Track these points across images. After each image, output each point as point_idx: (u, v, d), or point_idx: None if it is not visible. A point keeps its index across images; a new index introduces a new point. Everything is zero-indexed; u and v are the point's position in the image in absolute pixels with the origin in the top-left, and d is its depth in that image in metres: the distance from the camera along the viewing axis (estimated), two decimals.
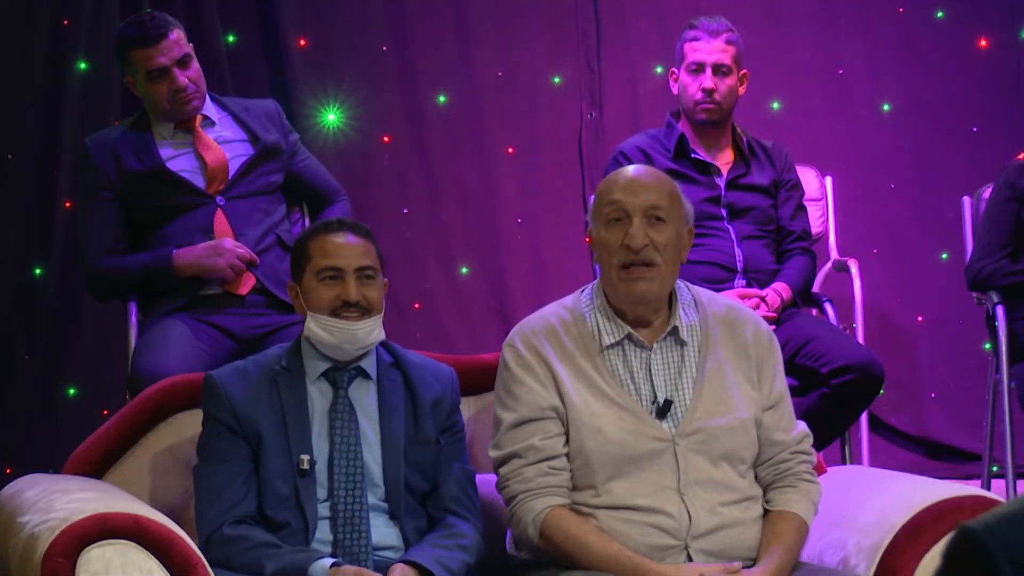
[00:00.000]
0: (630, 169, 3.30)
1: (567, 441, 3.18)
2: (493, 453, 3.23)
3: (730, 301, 3.40)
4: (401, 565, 3.16)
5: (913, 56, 6.09)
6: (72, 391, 5.60)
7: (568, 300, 3.31)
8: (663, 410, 3.17)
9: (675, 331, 3.23)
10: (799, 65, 6.07)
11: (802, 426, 3.30)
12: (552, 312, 3.29)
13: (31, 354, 5.56)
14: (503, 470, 3.20)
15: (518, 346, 3.24)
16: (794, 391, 3.38)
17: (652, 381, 3.20)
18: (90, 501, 3.07)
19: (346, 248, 3.33)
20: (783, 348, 4.50)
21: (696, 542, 3.12)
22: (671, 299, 3.26)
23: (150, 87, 4.41)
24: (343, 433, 3.29)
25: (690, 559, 3.10)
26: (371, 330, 3.31)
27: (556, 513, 3.13)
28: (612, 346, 3.21)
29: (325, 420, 3.30)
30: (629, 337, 3.22)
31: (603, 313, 3.24)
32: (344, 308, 3.29)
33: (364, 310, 3.30)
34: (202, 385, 3.35)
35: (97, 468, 3.44)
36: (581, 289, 3.33)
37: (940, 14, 6.08)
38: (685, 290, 3.31)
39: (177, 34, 4.42)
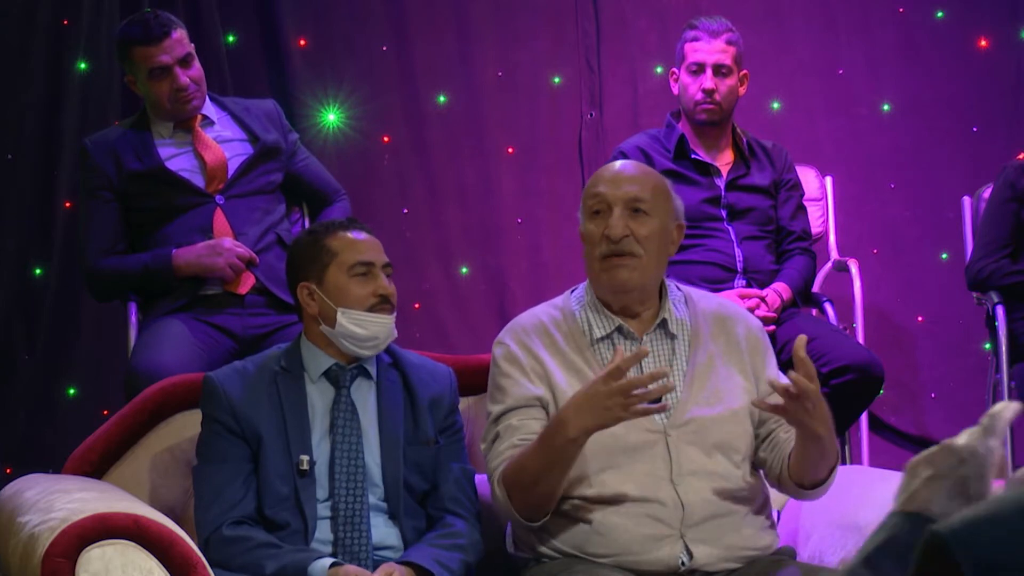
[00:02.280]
0: (617, 164, 3.35)
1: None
2: (481, 445, 3.26)
3: (720, 299, 3.43)
4: (392, 564, 3.16)
5: (913, 56, 6.09)
6: (72, 391, 5.60)
7: (558, 300, 3.35)
8: (655, 402, 3.18)
9: (664, 323, 3.25)
10: (799, 65, 6.07)
11: None
12: (542, 311, 3.32)
13: (31, 354, 5.56)
14: (487, 458, 3.22)
15: (507, 342, 3.27)
16: None
17: (643, 373, 3.20)
18: (90, 501, 3.07)
19: (372, 245, 3.39)
20: (783, 348, 4.54)
21: (690, 531, 3.13)
22: (661, 293, 3.28)
23: (151, 86, 4.41)
24: (345, 432, 3.29)
25: (687, 548, 3.11)
26: (393, 325, 3.36)
27: (508, 462, 3.13)
28: (602, 339, 3.23)
29: (326, 419, 3.31)
30: (619, 330, 3.24)
31: (592, 308, 3.26)
32: (380, 303, 3.32)
33: (393, 305, 3.36)
34: (201, 386, 3.35)
35: (97, 468, 3.44)
36: (571, 288, 3.36)
37: (940, 14, 6.08)
38: (675, 288, 3.34)
39: (180, 33, 4.43)
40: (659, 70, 5.98)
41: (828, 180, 5.32)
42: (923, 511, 1.67)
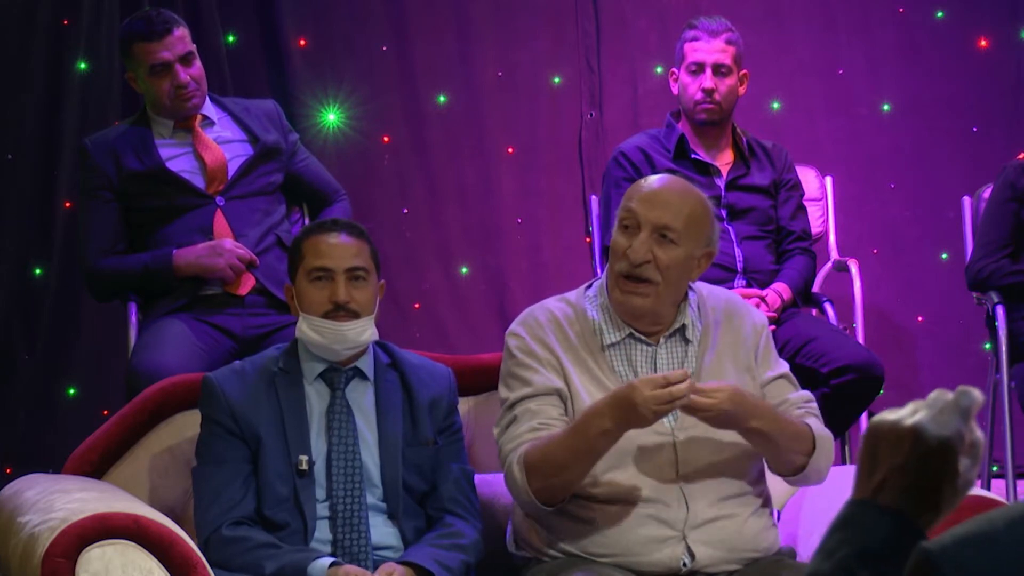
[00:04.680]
0: (658, 180, 3.26)
1: (565, 415, 3.17)
2: (495, 430, 3.23)
3: (728, 294, 3.41)
4: (392, 563, 3.16)
5: (913, 56, 6.09)
6: (72, 391, 5.60)
7: (571, 295, 3.31)
8: None
9: (683, 329, 3.24)
10: (799, 65, 6.07)
11: (807, 393, 3.33)
12: (554, 305, 3.29)
13: (31, 354, 5.56)
14: (500, 440, 3.20)
15: (522, 334, 3.24)
16: None
17: (656, 373, 3.20)
18: (90, 501, 3.07)
19: (338, 248, 3.32)
20: (783, 348, 4.55)
21: (694, 533, 3.13)
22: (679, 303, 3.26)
23: (152, 82, 4.42)
24: (341, 434, 3.29)
25: (688, 550, 3.11)
26: (361, 331, 3.30)
27: (531, 445, 3.12)
28: (614, 345, 3.22)
29: (323, 421, 3.31)
30: (631, 336, 3.22)
31: (606, 312, 3.24)
32: (334, 310, 3.28)
33: (353, 312, 3.29)
34: (200, 387, 3.35)
35: (97, 468, 3.44)
36: (587, 284, 3.33)
37: (940, 14, 6.08)
38: (688, 290, 3.31)
39: (182, 31, 4.44)
40: (659, 70, 5.98)
41: (828, 180, 5.31)
42: (897, 508, 1.60)
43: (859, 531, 1.59)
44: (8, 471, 5.31)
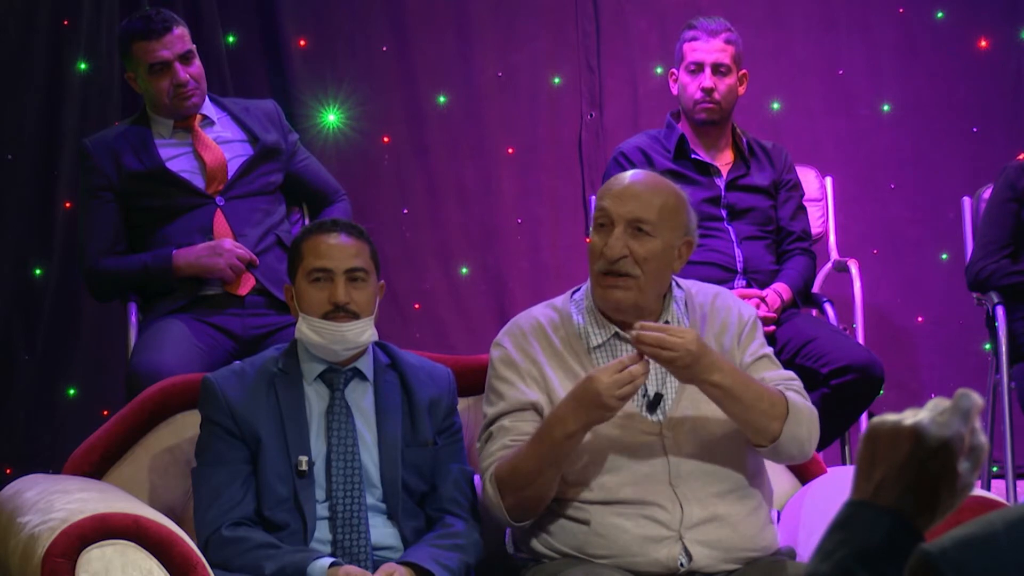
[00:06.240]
0: (628, 176, 3.27)
1: None
2: (477, 445, 3.26)
3: (716, 288, 3.41)
4: (392, 564, 3.16)
5: (913, 56, 6.09)
6: (72, 391, 5.60)
7: (557, 300, 3.33)
8: (653, 404, 3.19)
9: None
10: (799, 65, 6.07)
11: (789, 372, 3.30)
12: (541, 312, 3.31)
13: (31, 354, 5.56)
14: (480, 457, 3.23)
15: (506, 345, 3.27)
16: None
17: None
18: (90, 501, 3.07)
19: (337, 249, 3.32)
20: (783, 348, 4.55)
21: (689, 532, 3.13)
22: (665, 296, 3.27)
23: (151, 81, 4.42)
24: (340, 435, 3.29)
25: (686, 550, 3.11)
26: (361, 332, 3.30)
27: (500, 461, 3.15)
28: (599, 347, 3.23)
29: (322, 421, 3.31)
30: (617, 336, 3.23)
31: (591, 315, 3.25)
32: (334, 311, 3.28)
33: (353, 313, 3.29)
34: (199, 387, 3.35)
35: (97, 468, 3.44)
36: (573, 289, 3.35)
37: (940, 14, 6.08)
38: (676, 287, 3.32)
39: (181, 30, 4.45)
40: (659, 70, 5.98)
41: (828, 180, 5.32)
42: (896, 509, 1.59)
43: (857, 531, 1.59)
44: (8, 471, 5.31)
